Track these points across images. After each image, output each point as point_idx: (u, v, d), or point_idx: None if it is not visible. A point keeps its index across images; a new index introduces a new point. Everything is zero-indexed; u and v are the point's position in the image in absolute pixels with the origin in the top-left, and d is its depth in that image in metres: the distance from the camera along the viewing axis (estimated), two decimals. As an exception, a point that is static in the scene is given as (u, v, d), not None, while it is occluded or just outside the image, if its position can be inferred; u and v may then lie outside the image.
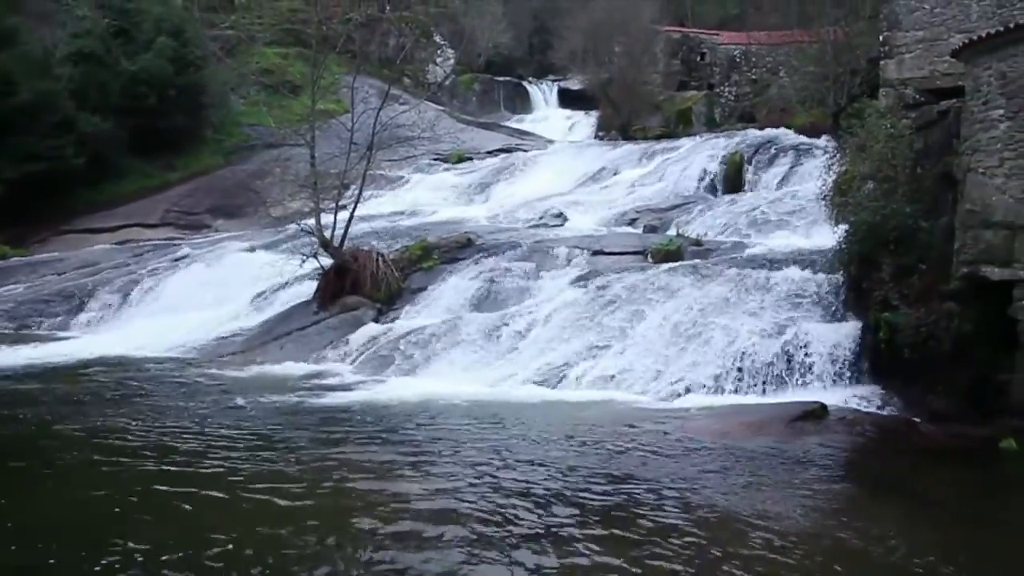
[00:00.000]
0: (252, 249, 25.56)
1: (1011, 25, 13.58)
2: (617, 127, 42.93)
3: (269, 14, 38.02)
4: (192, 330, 20.88)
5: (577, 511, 8.77)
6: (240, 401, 14.38)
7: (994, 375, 13.54)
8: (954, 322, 13.99)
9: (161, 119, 33.23)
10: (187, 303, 22.69)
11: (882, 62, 25.05)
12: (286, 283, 22.42)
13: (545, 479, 9.80)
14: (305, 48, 28.75)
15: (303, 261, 21.28)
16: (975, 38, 14.28)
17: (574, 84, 50.18)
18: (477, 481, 9.61)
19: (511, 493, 9.19)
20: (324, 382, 16.43)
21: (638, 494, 9.45)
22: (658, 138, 37.93)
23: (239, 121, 38.37)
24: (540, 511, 8.67)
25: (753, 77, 43.91)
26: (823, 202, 18.63)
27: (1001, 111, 13.22)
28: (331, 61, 26.34)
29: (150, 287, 23.65)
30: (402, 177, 33.94)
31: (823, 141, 28.16)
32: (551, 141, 41.56)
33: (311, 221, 21.81)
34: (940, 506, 9.71)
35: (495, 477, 9.80)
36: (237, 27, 33.44)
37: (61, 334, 21.43)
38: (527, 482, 9.63)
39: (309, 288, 21.66)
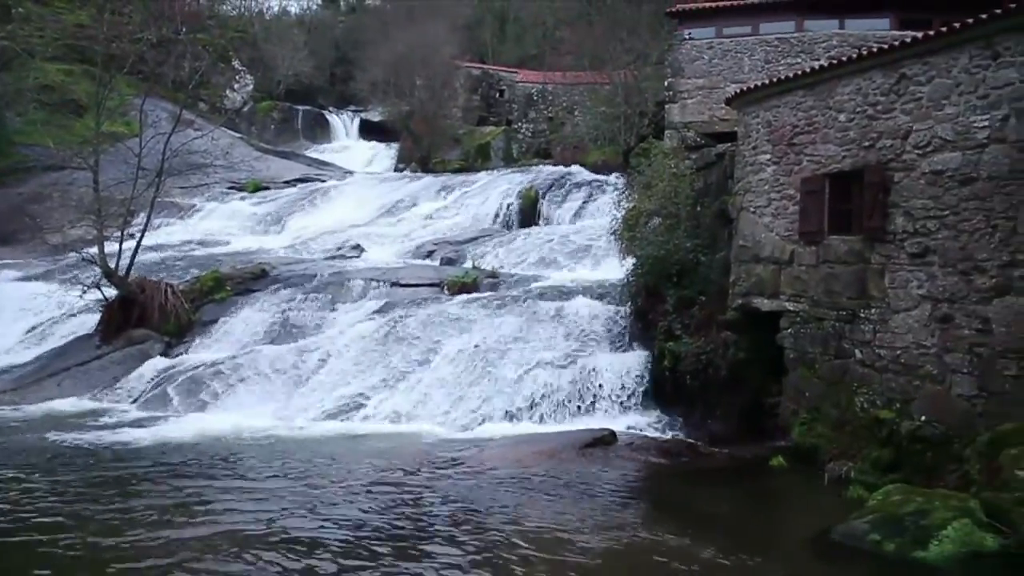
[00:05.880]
0: (26, 278, 23.81)
1: (775, 79, 14.76)
2: (417, 159, 43.18)
3: (52, 27, 35.83)
4: (-46, 366, 19.20)
5: (371, 541, 8.67)
6: (6, 442, 13.32)
7: (765, 399, 14.56)
8: (730, 350, 14.98)
9: (-80, 135, 30.38)
10: (-52, 337, 20.87)
11: (667, 106, 26.68)
12: (65, 315, 21.06)
13: (337, 519, 9.56)
14: (91, 66, 27.26)
15: (83, 292, 20.05)
16: (745, 88, 15.39)
17: (375, 115, 50.03)
18: (263, 528, 9.09)
19: (300, 539, 8.76)
20: (106, 420, 15.54)
21: (433, 523, 9.47)
22: (457, 171, 38.49)
23: (14, 140, 35.57)
24: (330, 555, 8.43)
25: (549, 115, 45.40)
26: (613, 236, 19.44)
27: (768, 155, 14.31)
28: (120, 81, 25.07)
29: (-95, 320, 21.58)
30: (194, 205, 32.70)
31: (614, 178, 29.51)
32: (351, 172, 41.25)
33: (93, 249, 20.62)
34: (716, 522, 10.27)
35: (285, 521, 9.37)
36: (13, 39, 31.25)
37: None
38: (317, 525, 9.30)
39: (91, 321, 20.43)
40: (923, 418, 11.06)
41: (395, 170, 43.04)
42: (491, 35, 57.28)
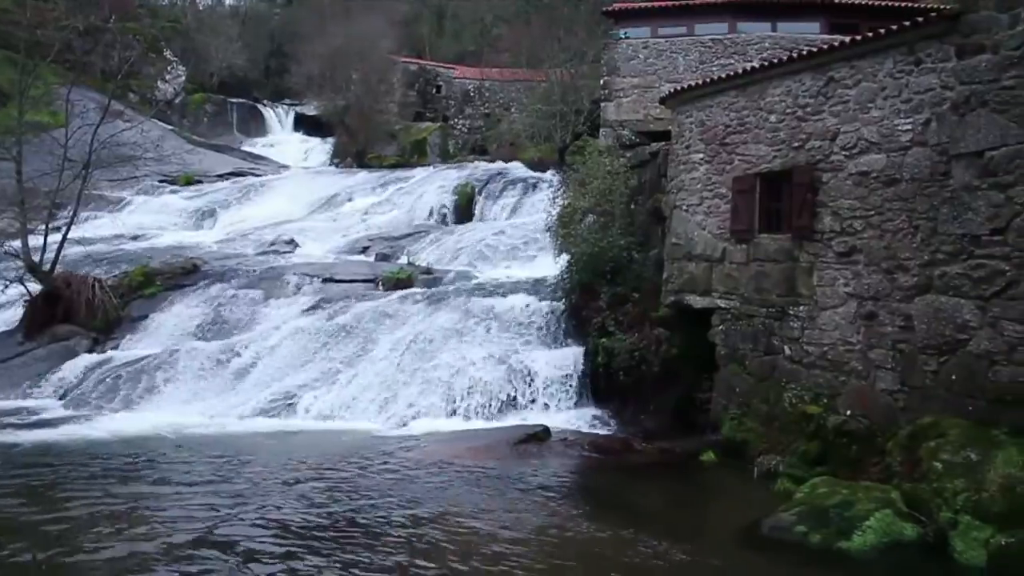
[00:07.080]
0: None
1: (708, 79, 14.98)
2: (353, 154, 42.83)
3: (-29, 12, 34.77)
4: None
5: (305, 541, 8.59)
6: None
7: (697, 394, 14.76)
8: (663, 346, 15.16)
9: None
10: None
11: (603, 104, 26.90)
12: (-15, 311, 20.46)
13: (270, 519, 9.40)
14: (14, 53, 26.51)
15: (5, 287, 19.51)
16: (679, 88, 15.58)
17: (311, 109, 49.46)
18: (196, 533, 8.72)
19: (233, 543, 8.51)
20: (29, 419, 15.10)
21: (367, 522, 9.41)
22: (393, 167, 38.35)
23: (-71, 129, 34.52)
24: (264, 557, 8.30)
25: (486, 111, 45.46)
26: (548, 233, 19.53)
27: (701, 155, 14.52)
28: (45, 70, 24.40)
29: None
30: (124, 199, 32.01)
31: (549, 175, 29.67)
32: (285, 166, 40.87)
33: (16, 243, 20.03)
34: (648, 515, 10.40)
35: (217, 525, 9.09)
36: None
37: None
38: (250, 528, 9.05)
39: (14, 316, 19.92)
40: (848, 413, 11.35)
41: (330, 165, 42.73)
42: (429, 31, 57.15)
